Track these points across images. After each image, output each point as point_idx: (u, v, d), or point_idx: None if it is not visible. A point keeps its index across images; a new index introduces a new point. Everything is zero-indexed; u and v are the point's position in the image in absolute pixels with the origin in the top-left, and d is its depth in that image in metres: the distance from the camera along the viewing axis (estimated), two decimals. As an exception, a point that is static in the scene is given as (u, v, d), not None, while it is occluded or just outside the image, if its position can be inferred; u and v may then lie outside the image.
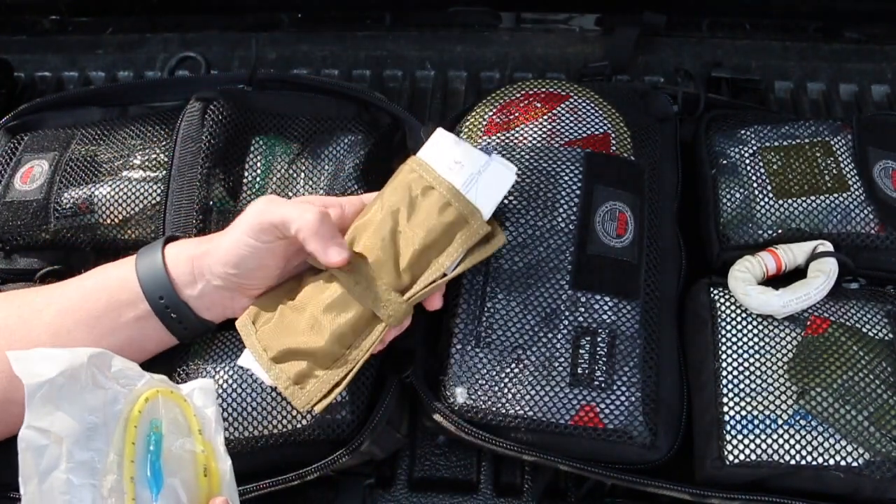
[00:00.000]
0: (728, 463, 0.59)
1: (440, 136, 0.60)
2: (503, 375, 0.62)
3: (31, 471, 0.41)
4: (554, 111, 0.72)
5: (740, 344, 0.63)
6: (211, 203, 0.68)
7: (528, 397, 0.61)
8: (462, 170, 0.59)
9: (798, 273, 0.66)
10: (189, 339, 0.63)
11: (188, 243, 0.61)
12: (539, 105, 0.73)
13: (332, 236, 0.56)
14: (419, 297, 0.58)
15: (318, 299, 0.58)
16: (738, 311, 0.65)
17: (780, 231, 0.68)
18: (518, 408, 0.61)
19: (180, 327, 0.61)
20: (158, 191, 0.70)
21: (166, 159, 0.72)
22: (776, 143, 0.72)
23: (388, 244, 0.57)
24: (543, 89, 0.75)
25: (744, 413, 0.60)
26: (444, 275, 0.58)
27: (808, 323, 0.63)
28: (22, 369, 0.42)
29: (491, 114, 0.73)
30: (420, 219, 0.58)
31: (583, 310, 0.63)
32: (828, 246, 0.66)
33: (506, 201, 0.66)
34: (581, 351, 0.62)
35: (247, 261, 0.58)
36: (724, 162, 0.73)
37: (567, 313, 0.63)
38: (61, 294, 0.60)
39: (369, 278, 0.57)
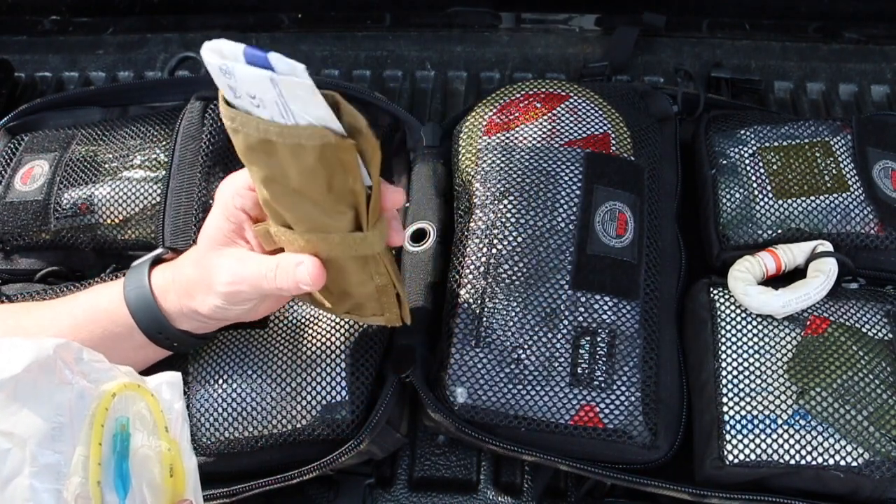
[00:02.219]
0: (728, 463, 0.59)
1: (211, 69, 0.45)
2: (503, 375, 0.62)
3: None
4: (554, 111, 0.72)
5: (740, 344, 0.63)
6: (211, 202, 0.68)
7: (527, 397, 0.61)
8: (264, 102, 0.45)
9: (798, 273, 0.66)
10: (188, 351, 0.63)
11: (175, 275, 0.58)
12: (539, 105, 0.73)
13: (293, 272, 0.52)
14: (373, 219, 0.51)
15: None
16: (738, 311, 0.65)
17: (779, 231, 0.68)
18: (518, 408, 0.61)
19: (179, 348, 0.61)
20: (158, 191, 0.70)
21: (166, 159, 0.72)
22: (776, 144, 0.72)
23: (297, 202, 0.50)
24: (543, 89, 0.75)
25: (743, 413, 0.60)
26: (370, 187, 0.50)
27: (808, 323, 0.63)
28: None
29: (491, 114, 0.73)
30: (296, 181, 0.48)
31: (582, 310, 0.63)
32: (827, 246, 0.66)
33: (506, 201, 0.66)
34: (581, 351, 0.62)
35: (230, 314, 0.57)
36: (724, 162, 0.73)
37: (567, 313, 0.63)
38: (52, 319, 0.59)
39: (326, 230, 0.51)
